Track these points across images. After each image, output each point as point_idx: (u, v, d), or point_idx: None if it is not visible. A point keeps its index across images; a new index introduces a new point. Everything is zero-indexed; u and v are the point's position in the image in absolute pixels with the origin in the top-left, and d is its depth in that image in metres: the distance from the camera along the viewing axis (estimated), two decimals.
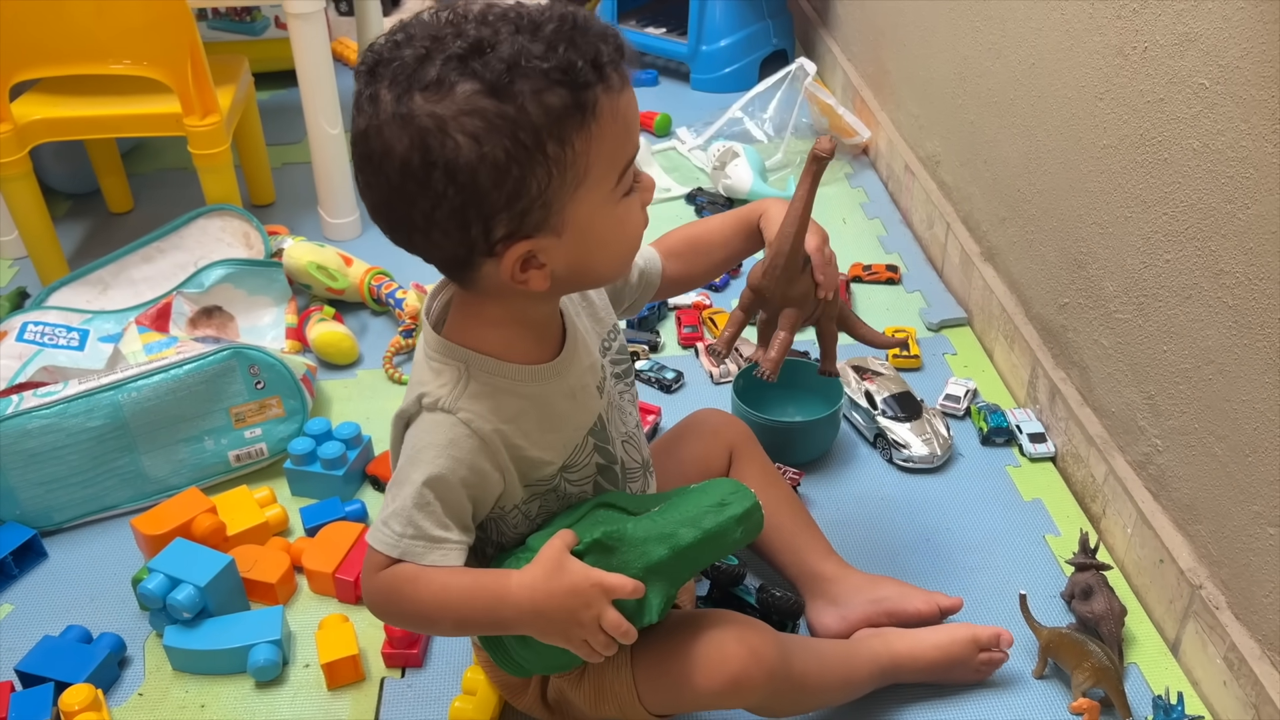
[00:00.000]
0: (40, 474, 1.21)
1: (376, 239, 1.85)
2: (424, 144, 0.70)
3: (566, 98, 0.71)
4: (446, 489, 0.80)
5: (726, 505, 0.89)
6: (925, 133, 1.76)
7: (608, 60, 0.73)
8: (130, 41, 1.48)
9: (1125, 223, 1.12)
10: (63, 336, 1.41)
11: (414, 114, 0.70)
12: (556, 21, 0.72)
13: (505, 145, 0.70)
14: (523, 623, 0.80)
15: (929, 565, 1.17)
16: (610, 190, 0.77)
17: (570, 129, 0.72)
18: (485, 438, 0.81)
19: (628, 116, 0.76)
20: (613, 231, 0.80)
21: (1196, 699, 1.03)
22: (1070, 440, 1.28)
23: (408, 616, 0.84)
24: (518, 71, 0.69)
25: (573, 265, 0.79)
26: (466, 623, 0.84)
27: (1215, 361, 0.99)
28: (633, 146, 0.78)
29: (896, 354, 1.48)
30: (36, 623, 1.12)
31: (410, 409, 0.82)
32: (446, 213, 0.73)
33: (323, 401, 1.44)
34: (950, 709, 1.02)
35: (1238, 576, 0.98)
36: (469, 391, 0.81)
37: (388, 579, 0.80)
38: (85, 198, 1.94)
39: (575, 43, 0.71)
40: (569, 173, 0.73)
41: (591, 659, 0.82)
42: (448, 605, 0.80)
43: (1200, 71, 0.97)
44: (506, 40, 0.70)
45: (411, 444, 0.81)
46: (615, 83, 0.74)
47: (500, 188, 0.71)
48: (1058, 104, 1.25)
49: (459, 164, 0.70)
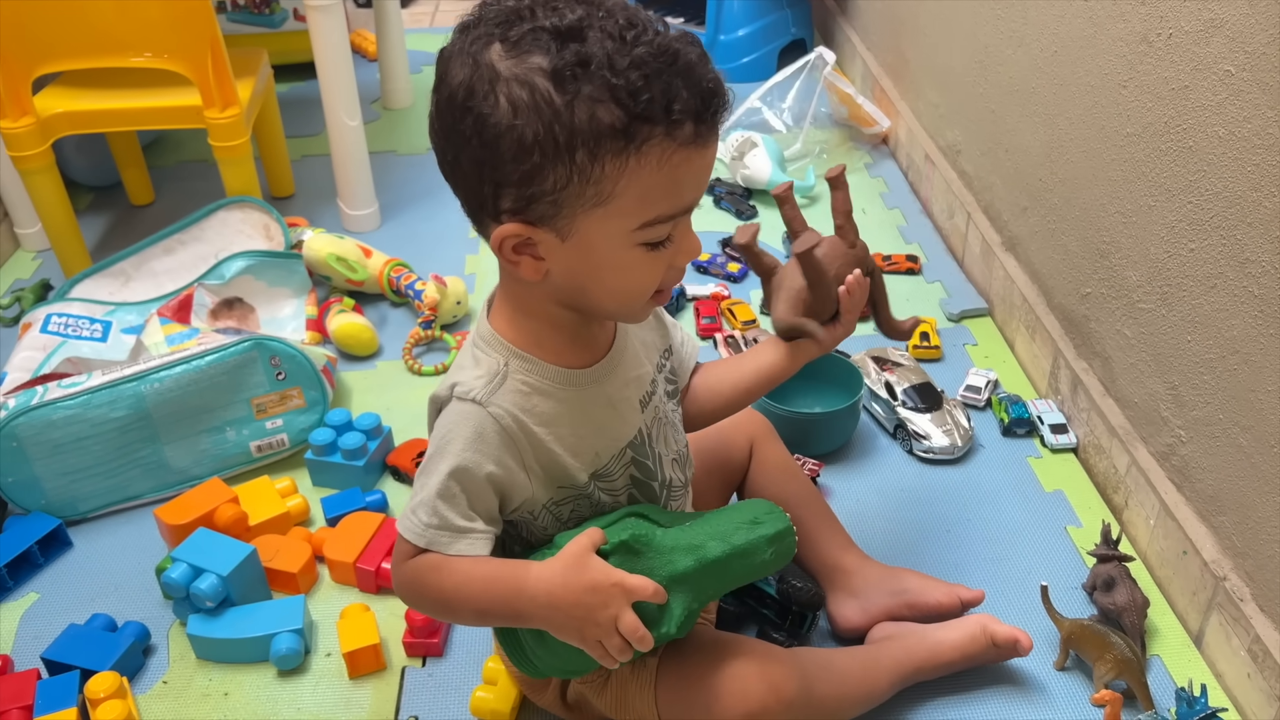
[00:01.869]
0: (65, 464, 1.22)
1: (395, 231, 1.88)
2: (472, 87, 0.70)
3: (618, 119, 0.69)
4: (472, 481, 0.80)
5: (759, 524, 0.88)
6: (945, 122, 1.75)
7: (687, 109, 0.70)
8: (151, 35, 1.49)
9: (1149, 211, 1.11)
10: (86, 328, 1.42)
11: (482, 57, 0.70)
12: (656, 50, 0.69)
13: (537, 129, 0.69)
14: (538, 616, 0.79)
15: (949, 556, 1.17)
16: (631, 230, 0.74)
17: (607, 149, 0.70)
18: (513, 435, 0.80)
19: (681, 173, 0.73)
20: (616, 270, 0.77)
21: (1220, 691, 1.02)
22: (1092, 431, 1.27)
23: (431, 604, 0.85)
24: (587, 71, 0.68)
25: (570, 278, 0.78)
26: (486, 613, 0.84)
27: (1240, 351, 0.98)
28: (675, 204, 0.75)
29: (917, 345, 1.47)
30: (62, 611, 1.13)
31: (443, 394, 0.82)
32: (468, 158, 0.73)
33: (343, 392, 1.44)
34: (972, 701, 1.02)
35: (1262, 568, 0.97)
36: (505, 387, 0.81)
37: (414, 568, 0.81)
38: (107, 190, 1.96)
39: (660, 76, 0.69)
40: (590, 188, 0.71)
41: (605, 663, 0.80)
42: (468, 595, 0.80)
43: (1226, 58, 0.96)
44: (598, 39, 0.69)
45: (441, 433, 0.81)
46: (684, 134, 0.71)
47: (517, 164, 0.71)
48: (1080, 92, 1.24)
49: (489, 122, 0.70)
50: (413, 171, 2.01)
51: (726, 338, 1.51)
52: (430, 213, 1.85)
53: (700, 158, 0.74)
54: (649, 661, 0.91)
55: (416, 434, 1.34)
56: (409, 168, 2.03)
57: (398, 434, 1.35)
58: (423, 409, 1.43)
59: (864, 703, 0.98)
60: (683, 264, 0.80)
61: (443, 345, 1.54)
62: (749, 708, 0.87)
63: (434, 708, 1.03)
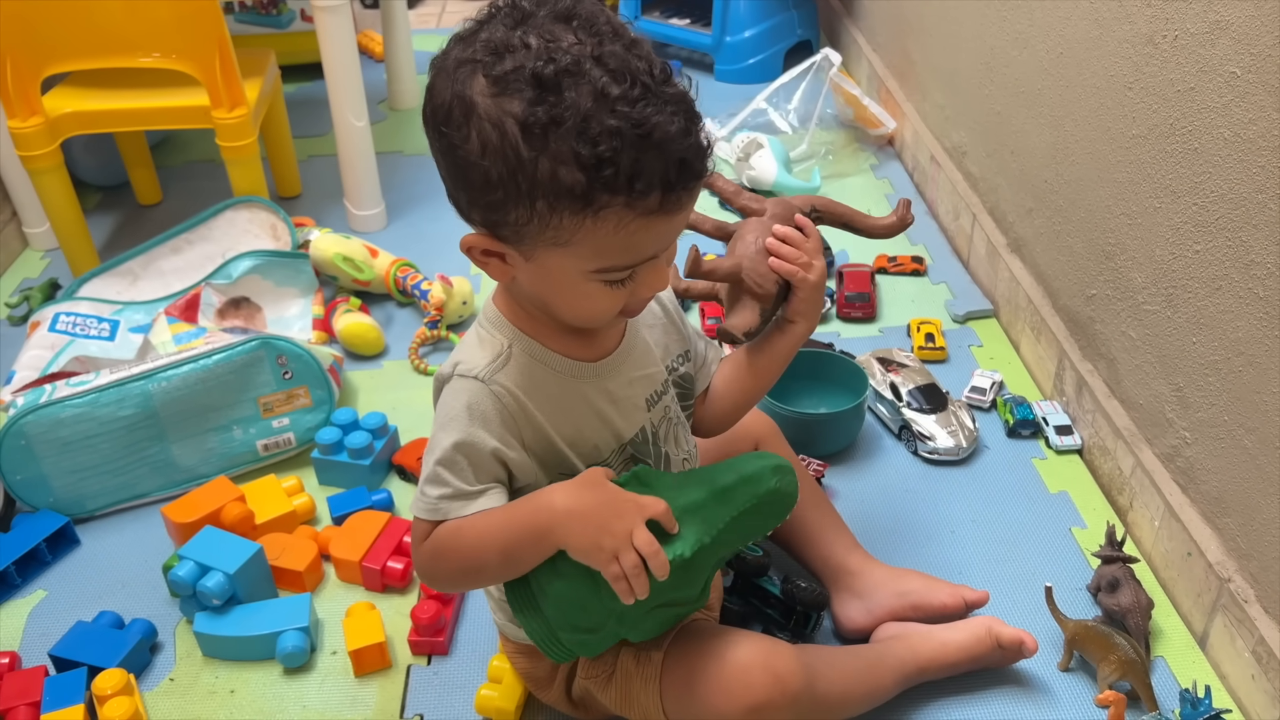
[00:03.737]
0: (72, 462, 1.22)
1: (402, 231, 1.89)
2: (450, 110, 0.72)
3: (578, 183, 0.69)
4: (477, 454, 0.80)
5: (762, 458, 0.88)
6: (951, 123, 1.75)
7: (651, 185, 0.70)
8: (159, 35, 1.50)
9: (1154, 213, 1.11)
10: (94, 327, 1.43)
11: (465, 87, 0.71)
12: (634, 122, 0.68)
13: (501, 172, 0.70)
14: (559, 528, 0.78)
15: (954, 557, 1.17)
16: (588, 271, 0.75)
17: (565, 207, 0.70)
18: (513, 414, 0.81)
19: (639, 238, 0.73)
20: (576, 296, 0.78)
21: (1224, 693, 1.02)
22: (1097, 432, 1.27)
23: (456, 571, 0.84)
24: (558, 128, 0.68)
25: (535, 293, 0.80)
26: (509, 551, 0.80)
27: (1245, 353, 0.98)
28: (633, 258, 0.75)
29: (922, 346, 1.47)
30: (70, 608, 1.14)
31: (446, 372, 0.83)
32: (443, 167, 0.76)
33: (349, 392, 1.45)
34: (975, 701, 1.02)
35: (1267, 570, 0.97)
36: (508, 367, 0.82)
37: (432, 542, 0.82)
38: (115, 190, 1.97)
39: (630, 149, 0.68)
40: (549, 232, 0.72)
41: (620, 588, 0.78)
42: (491, 540, 0.80)
43: (1232, 60, 0.96)
44: (574, 99, 0.68)
45: (444, 410, 0.82)
46: (647, 205, 0.71)
47: (483, 194, 0.72)
48: (1086, 94, 1.24)
49: (459, 151, 0.72)
50: (419, 172, 2.02)
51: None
52: (436, 213, 1.86)
53: (663, 224, 0.73)
54: (653, 655, 0.91)
55: (422, 433, 1.35)
56: (415, 168, 2.03)
57: (404, 433, 1.35)
58: (429, 408, 1.43)
59: (868, 700, 0.98)
60: (644, 296, 0.80)
61: (448, 345, 1.54)
62: (753, 700, 0.87)
63: (439, 706, 1.03)
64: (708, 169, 0.74)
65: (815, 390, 1.36)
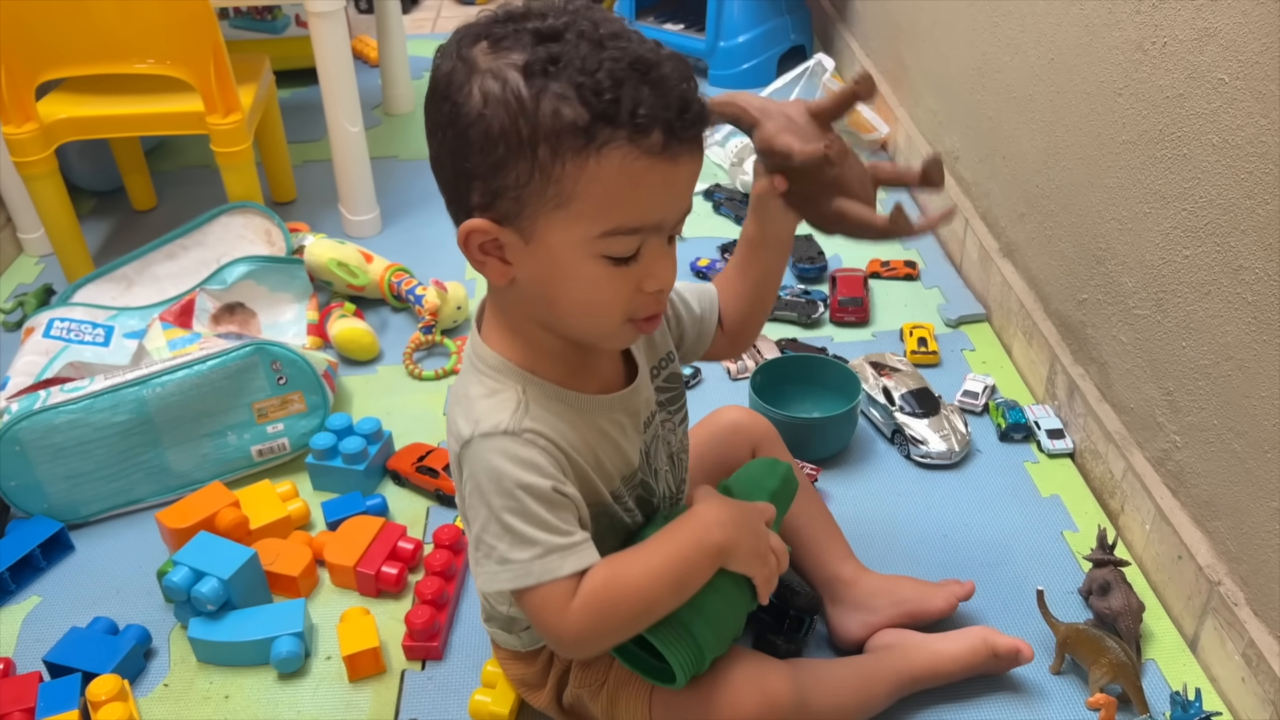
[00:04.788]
0: (67, 468, 1.22)
1: (396, 236, 1.89)
2: (452, 78, 0.73)
3: (580, 116, 0.69)
4: (542, 495, 0.78)
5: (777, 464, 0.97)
6: (944, 128, 1.76)
7: (653, 116, 0.69)
8: (154, 41, 1.50)
9: (1144, 218, 1.12)
10: (88, 333, 1.43)
11: (465, 53, 0.72)
12: (631, 58, 0.70)
13: (503, 120, 0.70)
14: (726, 540, 0.82)
15: (946, 561, 1.17)
16: (591, 238, 0.73)
17: (568, 147, 0.70)
18: (552, 454, 0.79)
19: (644, 182, 0.71)
20: (578, 281, 0.75)
21: (1214, 695, 1.03)
22: (1089, 436, 1.28)
23: (626, 623, 0.82)
24: (558, 69, 0.69)
25: (535, 287, 0.77)
26: (682, 579, 0.81)
27: (1234, 358, 0.98)
28: (637, 216, 0.73)
29: (915, 350, 1.48)
30: (64, 614, 1.14)
31: (466, 434, 0.79)
32: (445, 148, 0.75)
33: (344, 397, 1.45)
34: (967, 704, 1.02)
35: (1256, 573, 0.98)
36: (530, 413, 0.79)
37: (585, 611, 0.78)
38: (110, 195, 1.97)
39: (629, 81, 0.69)
40: (551, 187, 0.71)
41: (768, 586, 0.86)
42: (661, 574, 0.80)
43: (1220, 66, 0.96)
44: (574, 41, 0.70)
45: (483, 475, 0.78)
46: (650, 143, 0.70)
47: (484, 155, 0.72)
48: (1077, 99, 1.25)
49: (462, 110, 0.72)
50: (414, 177, 2.02)
51: None
52: (431, 218, 1.86)
53: (668, 169, 0.72)
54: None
55: (417, 438, 1.35)
56: (410, 173, 2.04)
57: (398, 438, 1.35)
58: (423, 413, 1.44)
59: (861, 713, 0.98)
60: (651, 289, 0.77)
61: (443, 350, 1.55)
62: (742, 716, 0.88)
63: (433, 711, 1.04)
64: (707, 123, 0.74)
65: (808, 395, 1.37)
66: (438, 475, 1.27)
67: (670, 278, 0.78)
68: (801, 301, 1.58)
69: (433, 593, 1.10)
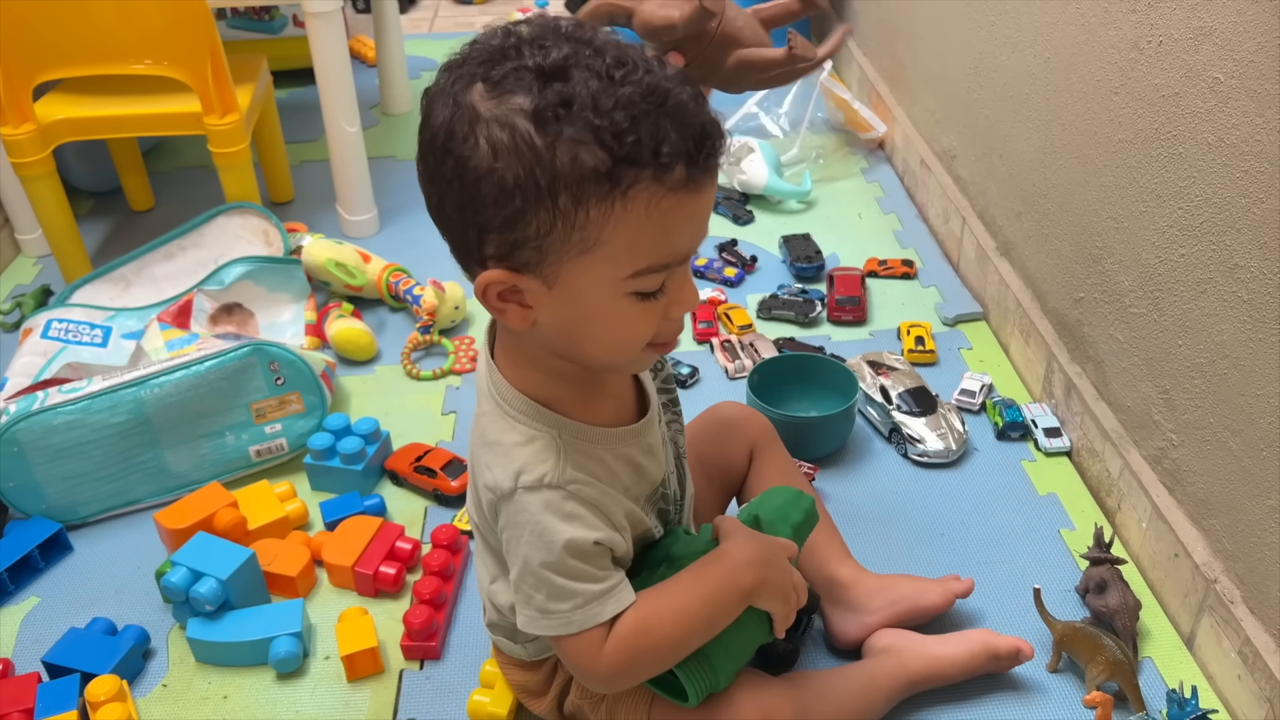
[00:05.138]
0: (65, 469, 1.23)
1: (394, 236, 1.89)
2: (452, 128, 0.68)
3: (601, 161, 0.66)
4: (584, 551, 0.78)
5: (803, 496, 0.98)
6: (941, 127, 1.76)
7: (676, 151, 0.67)
8: (151, 42, 1.50)
9: (1140, 217, 1.12)
10: (86, 333, 1.43)
11: (463, 98, 0.68)
12: (644, 90, 0.66)
13: (517, 172, 0.66)
14: (757, 581, 0.84)
15: (943, 560, 1.17)
16: (620, 279, 0.71)
17: (591, 194, 0.66)
18: (595, 500, 0.79)
19: (672, 219, 0.69)
20: (606, 321, 0.73)
21: (1211, 693, 1.03)
22: (1085, 435, 1.28)
23: (660, 662, 0.83)
24: (570, 111, 0.65)
25: (558, 327, 0.75)
26: (714, 618, 0.83)
27: (1230, 356, 0.99)
28: (667, 253, 0.71)
29: (912, 349, 1.48)
30: (63, 615, 1.14)
31: (506, 486, 0.78)
32: (451, 202, 0.71)
33: (342, 397, 1.45)
34: (963, 702, 1.02)
35: (1253, 571, 0.98)
36: (570, 461, 0.78)
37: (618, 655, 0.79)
38: (107, 196, 1.97)
39: (648, 117, 0.66)
40: (575, 234, 0.68)
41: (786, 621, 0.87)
42: (692, 616, 0.81)
43: (1215, 65, 0.97)
44: (582, 79, 0.66)
45: (528, 527, 0.78)
46: (674, 179, 0.67)
47: (499, 208, 0.68)
48: (1073, 98, 1.25)
49: (469, 165, 0.68)
50: (411, 177, 1.97)
51: (723, 343, 1.52)
52: (428, 219, 1.85)
53: (693, 203, 0.70)
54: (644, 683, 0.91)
55: (414, 438, 1.35)
56: (408, 173, 2.01)
57: (396, 438, 1.35)
58: (421, 413, 1.44)
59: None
60: (678, 315, 0.76)
61: (441, 350, 1.55)
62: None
63: (431, 711, 1.04)
64: (724, 145, 0.71)
65: (805, 394, 1.37)
66: (436, 475, 1.27)
67: (694, 300, 0.76)
68: (799, 300, 1.58)
69: (431, 592, 1.10)
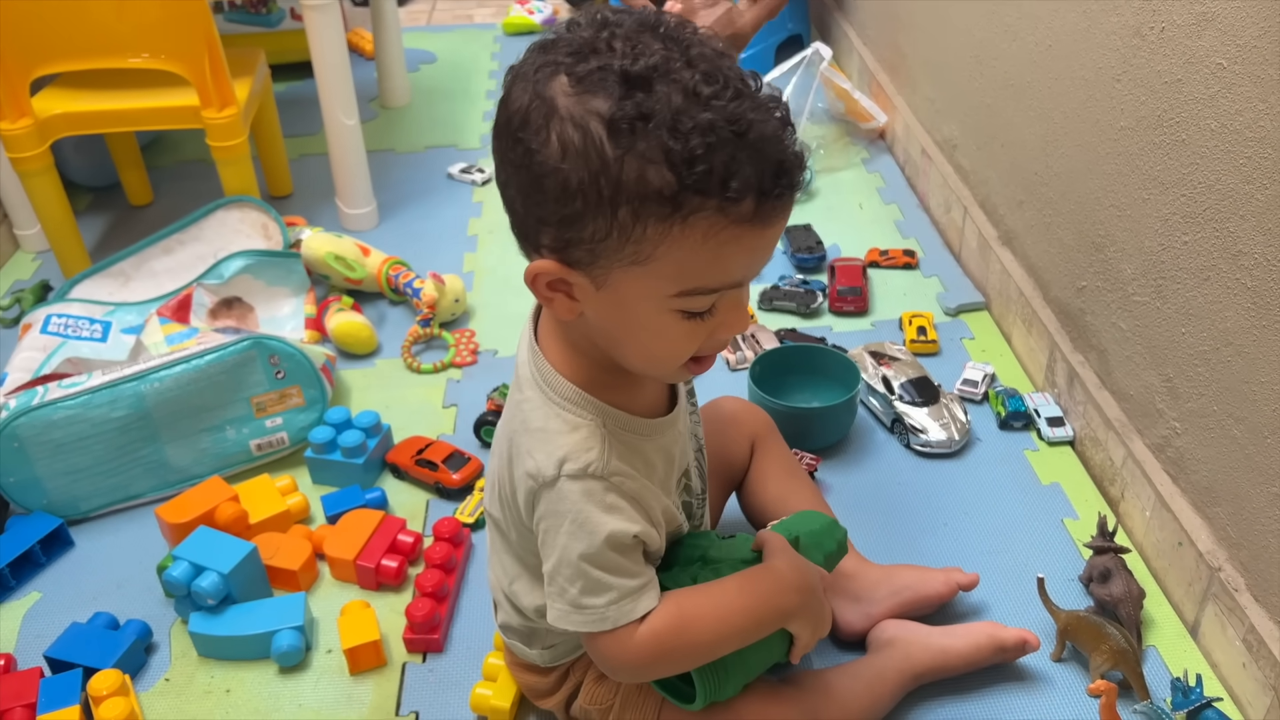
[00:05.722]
0: (66, 464, 1.22)
1: (393, 230, 1.88)
2: (528, 117, 0.67)
3: (668, 184, 0.64)
4: (625, 546, 0.78)
5: (837, 525, 0.98)
6: (942, 116, 1.75)
7: (746, 187, 0.65)
8: (148, 35, 1.49)
9: (1143, 204, 1.12)
10: (86, 328, 1.43)
11: (544, 88, 0.67)
12: (727, 118, 0.64)
13: (583, 176, 0.65)
14: (800, 606, 0.84)
15: (946, 550, 1.17)
16: (668, 296, 0.70)
17: (651, 213, 0.65)
18: (635, 493, 0.78)
19: (730, 250, 0.67)
20: (649, 332, 0.73)
21: (1215, 681, 1.03)
22: (1089, 424, 1.27)
23: (688, 661, 0.83)
24: (646, 128, 0.64)
25: (603, 327, 0.74)
26: (750, 633, 0.83)
27: (1234, 343, 0.98)
28: (718, 279, 0.70)
29: (914, 339, 1.48)
30: (65, 610, 1.14)
31: (550, 474, 0.76)
32: (516, 186, 0.70)
33: (342, 391, 1.45)
34: (968, 692, 1.02)
35: (1257, 558, 0.98)
36: (614, 451, 0.77)
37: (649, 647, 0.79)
38: (106, 191, 1.96)
39: (724, 147, 0.64)
40: (630, 246, 0.67)
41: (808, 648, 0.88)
42: (730, 627, 0.81)
43: (1218, 51, 0.96)
44: (666, 93, 0.64)
45: (570, 515, 0.77)
46: (740, 212, 0.66)
47: (559, 205, 0.67)
48: (1074, 86, 1.24)
49: (537, 158, 0.67)
50: (411, 170, 2.01)
51: None
52: (428, 211, 1.85)
53: (755, 236, 0.68)
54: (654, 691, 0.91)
55: (415, 431, 1.35)
56: (407, 166, 2.03)
57: (397, 432, 1.35)
58: (422, 406, 1.44)
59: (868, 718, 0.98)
60: (725, 337, 0.75)
61: (441, 343, 1.55)
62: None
63: (434, 704, 1.04)
64: (804, 180, 0.70)
65: (807, 384, 1.37)
66: (437, 468, 1.26)
67: (743, 325, 0.75)
68: (800, 291, 1.58)
69: (433, 585, 1.10)
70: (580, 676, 0.95)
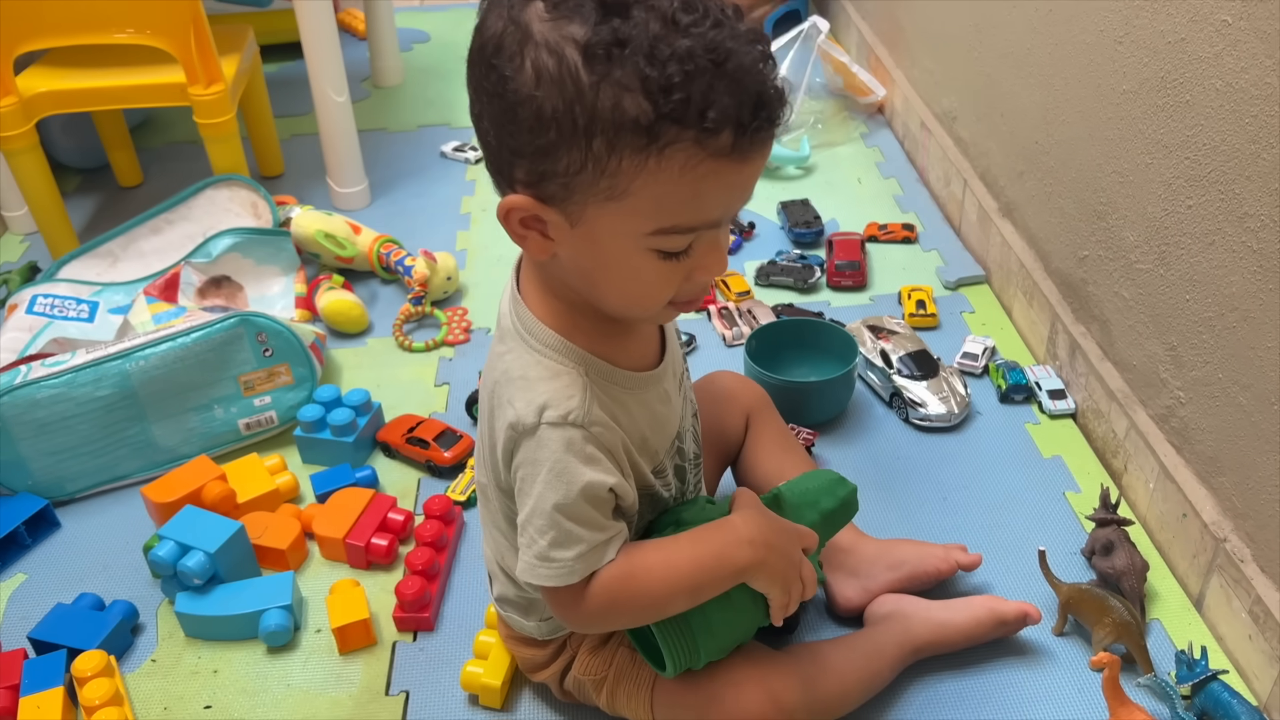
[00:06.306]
0: (51, 444, 1.20)
1: (385, 208, 1.86)
2: (501, 43, 0.65)
3: (643, 113, 0.62)
4: (599, 499, 0.76)
5: (843, 483, 0.95)
6: (941, 88, 1.72)
7: (725, 117, 0.63)
8: (133, 10, 1.47)
9: (1145, 170, 1.09)
10: (73, 309, 1.41)
11: (520, 13, 0.64)
12: (706, 45, 0.62)
13: (557, 104, 0.63)
14: (753, 561, 0.80)
15: (947, 524, 1.15)
16: (643, 234, 0.68)
17: (626, 144, 0.63)
18: (611, 445, 0.77)
19: (708, 185, 0.66)
20: (624, 271, 0.71)
21: (1220, 653, 1.01)
22: (1091, 396, 1.25)
23: (638, 614, 0.82)
24: (622, 54, 0.61)
25: (578, 266, 0.73)
26: (700, 587, 0.80)
27: (1239, 308, 0.96)
28: (695, 217, 0.68)
29: (913, 313, 1.45)
30: (50, 591, 1.12)
31: (530, 421, 0.75)
32: (489, 116, 0.68)
33: (334, 370, 1.43)
34: (970, 666, 1.00)
35: (1263, 529, 0.96)
36: (594, 401, 0.76)
37: (599, 597, 0.78)
38: (95, 172, 1.94)
39: (702, 75, 0.62)
40: (604, 180, 0.65)
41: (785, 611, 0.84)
42: (679, 581, 0.79)
43: (1223, 7, 0.93)
44: (643, 20, 0.62)
45: (546, 463, 0.75)
46: (718, 144, 0.64)
47: (532, 136, 0.65)
48: (1076, 50, 1.22)
49: (510, 85, 0.65)
50: (403, 149, 1.99)
51: (720, 309, 1.49)
52: (420, 189, 1.83)
53: (733, 171, 0.66)
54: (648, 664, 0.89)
55: (406, 410, 1.33)
56: (399, 145, 2.01)
57: (388, 410, 1.33)
58: (413, 384, 1.42)
59: (866, 693, 0.96)
60: (702, 280, 0.73)
61: (433, 321, 1.52)
62: (748, 718, 0.86)
63: (425, 682, 1.02)
64: (784, 116, 0.67)
65: (805, 359, 1.34)
66: (429, 446, 1.24)
67: (721, 267, 0.73)
68: (798, 266, 1.56)
69: (423, 563, 1.08)
70: (576, 648, 0.93)
